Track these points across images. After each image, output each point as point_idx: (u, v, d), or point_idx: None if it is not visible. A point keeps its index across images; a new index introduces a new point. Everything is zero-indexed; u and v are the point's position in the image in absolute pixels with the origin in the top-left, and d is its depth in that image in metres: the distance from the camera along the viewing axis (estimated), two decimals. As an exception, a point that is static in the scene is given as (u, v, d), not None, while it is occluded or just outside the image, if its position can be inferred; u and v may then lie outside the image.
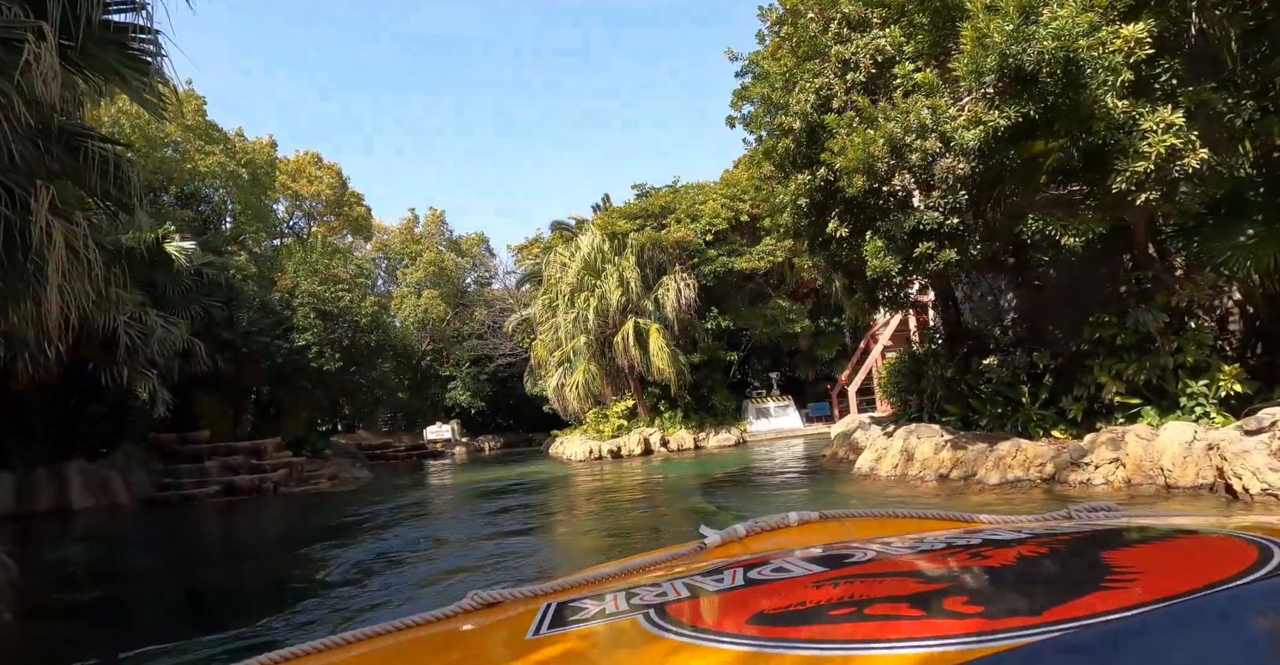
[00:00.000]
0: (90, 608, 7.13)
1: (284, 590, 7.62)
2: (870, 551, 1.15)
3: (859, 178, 8.76)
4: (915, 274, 9.27)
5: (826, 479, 13.25)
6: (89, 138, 7.66)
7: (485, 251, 45.12)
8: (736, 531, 1.47)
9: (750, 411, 28.44)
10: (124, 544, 12.41)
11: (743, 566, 1.16)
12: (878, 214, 9.78)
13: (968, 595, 0.87)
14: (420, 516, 13.18)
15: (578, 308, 24.99)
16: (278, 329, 21.28)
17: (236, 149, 24.11)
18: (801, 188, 9.95)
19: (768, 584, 1.05)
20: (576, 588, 1.24)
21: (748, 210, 25.41)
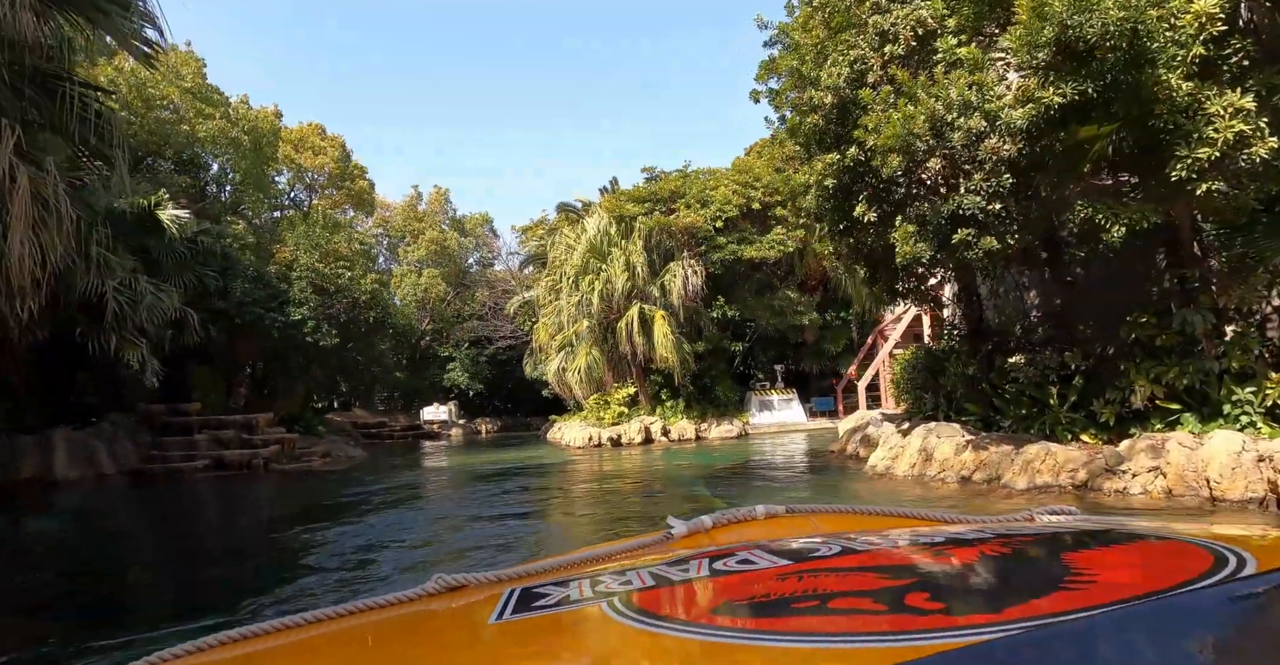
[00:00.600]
0: (42, 590, 6.60)
1: (263, 574, 7.11)
2: (835, 547, 1.14)
3: (894, 157, 8.18)
4: (950, 263, 8.69)
5: (838, 476, 12.72)
6: (67, 81, 7.06)
7: (489, 232, 44.49)
8: (703, 523, 1.47)
9: (753, 403, 27.92)
10: (101, 518, 11.90)
11: (709, 557, 1.16)
12: (909, 198, 9.20)
13: (929, 592, 0.87)
14: (412, 499, 12.66)
15: (582, 291, 24.41)
16: (273, 301, 20.71)
17: (239, 115, 23.45)
18: (829, 168, 9.36)
19: (733, 575, 1.05)
20: (542, 574, 1.23)
21: (760, 197, 24.82)
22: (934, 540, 1.18)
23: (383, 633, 1.07)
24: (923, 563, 1.07)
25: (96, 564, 7.75)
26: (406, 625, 1.10)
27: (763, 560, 1.10)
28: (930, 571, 1.03)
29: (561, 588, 1.08)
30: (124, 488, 15.75)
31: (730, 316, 26.48)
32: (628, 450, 22.00)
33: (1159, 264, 10.53)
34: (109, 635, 5.10)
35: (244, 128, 22.84)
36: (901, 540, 1.22)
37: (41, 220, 6.26)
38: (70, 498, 14.36)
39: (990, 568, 1.03)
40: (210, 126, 21.61)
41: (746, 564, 1.09)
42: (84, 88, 7.31)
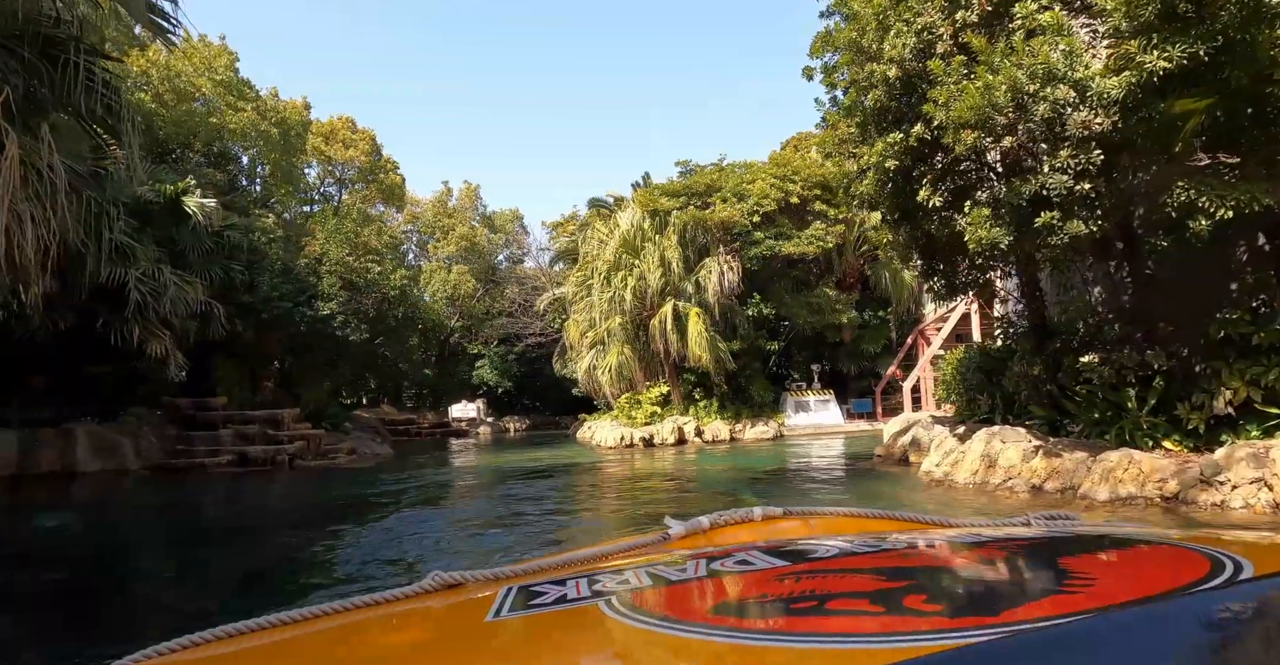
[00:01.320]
0: (46, 591, 6.06)
1: (278, 577, 6.54)
2: (833, 548, 1.14)
3: (968, 134, 7.40)
4: (1028, 250, 7.87)
5: (889, 483, 11.92)
6: (70, 47, 6.51)
7: (519, 228, 43.98)
8: (701, 523, 1.46)
9: (789, 404, 27.10)
10: (118, 513, 11.45)
11: (706, 558, 1.16)
12: (979, 180, 8.41)
13: (927, 594, 0.87)
14: (437, 499, 12.07)
15: (614, 287, 23.75)
16: (301, 296, 20.29)
17: (268, 108, 23.09)
18: (890, 148, 8.59)
19: (730, 576, 1.05)
20: (539, 572, 1.22)
21: (798, 191, 24.03)
22: (932, 543, 1.19)
23: (379, 629, 1.08)
24: (921, 565, 1.07)
25: (107, 564, 7.22)
26: (403, 622, 1.09)
27: (761, 561, 1.09)
28: (929, 574, 1.03)
29: (559, 586, 1.07)
30: (147, 482, 15.36)
31: (766, 314, 25.69)
32: (660, 451, 21.32)
33: (1239, 257, 9.66)
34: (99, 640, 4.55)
35: (273, 120, 22.47)
36: (900, 543, 1.22)
37: (36, 194, 5.72)
38: (90, 492, 14.00)
39: (989, 571, 1.05)
40: (240, 119, 21.24)
41: (744, 565, 1.08)
42: (90, 56, 6.73)
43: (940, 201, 8.54)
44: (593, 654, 0.87)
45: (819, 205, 24.32)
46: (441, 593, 1.17)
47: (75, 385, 17.08)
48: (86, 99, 6.73)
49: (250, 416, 19.20)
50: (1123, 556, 1.06)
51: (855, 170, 10.19)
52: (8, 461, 14.88)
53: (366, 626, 1.08)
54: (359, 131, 32.10)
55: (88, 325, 15.22)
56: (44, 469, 15.19)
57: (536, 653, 0.91)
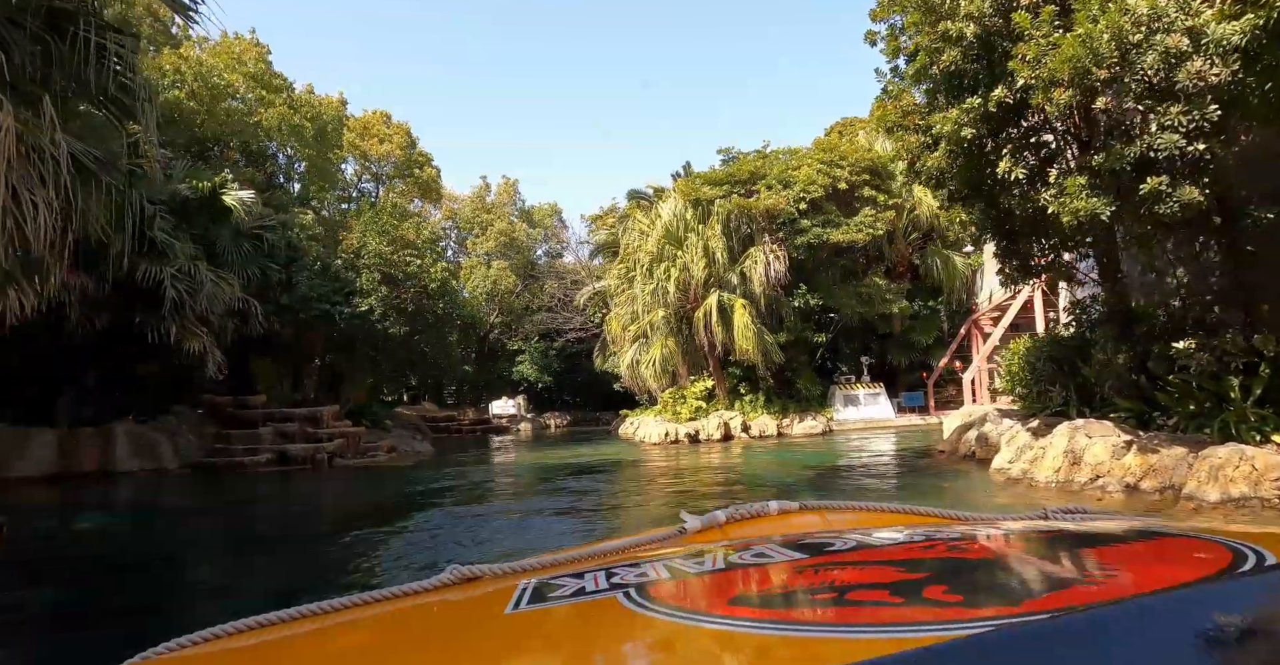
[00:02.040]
0: (55, 605, 5.60)
1: (322, 587, 6.01)
2: (850, 541, 1.15)
3: (1061, 92, 6.61)
4: (1132, 222, 7.06)
5: (960, 482, 11.12)
6: (79, 20, 6.03)
7: (558, 222, 43.48)
8: (717, 518, 1.45)
9: (837, 398, 26.23)
10: (151, 516, 11.09)
11: (723, 551, 1.16)
12: (1066, 148, 7.60)
13: (947, 585, 0.86)
14: (481, 500, 11.54)
15: (657, 279, 23.08)
16: (338, 295, 19.95)
17: (300, 101, 22.80)
18: (966, 115, 7.81)
19: (749, 568, 1.05)
20: (555, 566, 1.22)
21: (846, 177, 23.16)
22: (950, 536, 1.18)
23: (399, 621, 1.07)
24: (940, 557, 1.05)
25: (128, 572, 6.77)
26: (423, 614, 1.09)
27: (778, 554, 1.09)
28: (948, 565, 1.01)
29: (576, 579, 1.06)
30: (184, 482, 15.10)
31: (812, 305, 24.84)
32: (706, 447, 20.65)
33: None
34: None
35: (306, 114, 22.17)
36: (917, 535, 1.19)
37: (40, 176, 5.26)
38: (126, 492, 13.72)
39: (1009, 562, 1.05)
40: (272, 114, 20.97)
41: (762, 558, 1.07)
42: (102, 30, 6.25)
43: (1023, 173, 7.73)
44: (613, 644, 0.85)
45: (868, 191, 23.42)
46: (460, 586, 1.17)
47: (116, 384, 16.92)
48: (98, 75, 6.25)
49: (290, 414, 18.92)
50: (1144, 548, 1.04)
51: (920, 144, 9.43)
52: (48, 461, 14.73)
53: (387, 619, 1.08)
54: (394, 125, 31.85)
55: (125, 323, 14.99)
56: (83, 469, 15.01)
57: (557, 643, 0.90)
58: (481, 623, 1.02)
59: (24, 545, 7.92)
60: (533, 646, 0.89)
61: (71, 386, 16.05)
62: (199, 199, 17.47)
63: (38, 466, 14.53)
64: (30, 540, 8.30)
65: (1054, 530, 1.18)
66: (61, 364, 15.60)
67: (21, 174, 4.99)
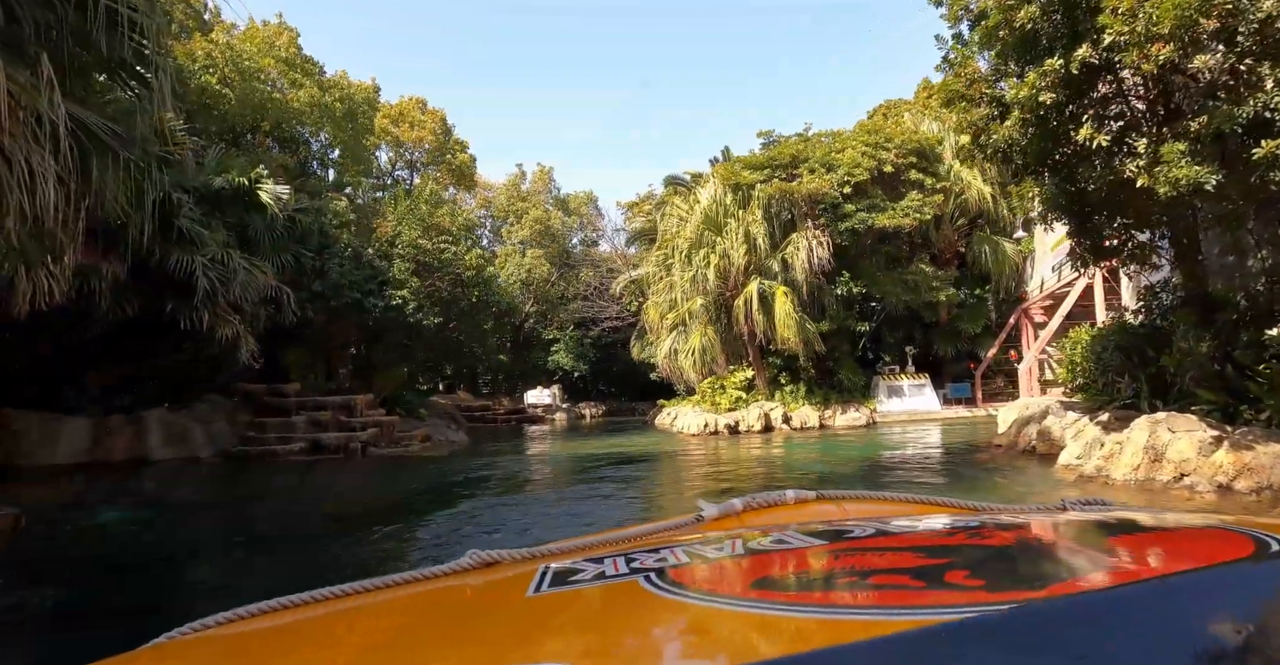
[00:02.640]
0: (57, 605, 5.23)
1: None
2: (870, 528, 1.14)
3: (1160, 47, 5.90)
4: (1241, 192, 6.33)
5: (1024, 479, 10.43)
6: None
7: (593, 210, 42.97)
8: (734, 506, 1.44)
9: (881, 389, 25.45)
10: (179, 507, 10.81)
11: (742, 538, 1.16)
12: (1155, 111, 6.89)
13: (969, 570, 0.86)
14: (521, 489, 11.10)
15: (695, 266, 22.48)
16: (370, 283, 19.63)
17: (330, 83, 22.47)
18: (1046, 78, 7.11)
19: (768, 553, 1.05)
20: (574, 552, 1.22)
21: (891, 160, 22.31)
22: (970, 524, 1.17)
23: (421, 604, 1.07)
24: (961, 544, 1.05)
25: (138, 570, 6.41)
26: (444, 598, 1.09)
27: (797, 540, 1.08)
28: (969, 551, 1.00)
29: (596, 564, 1.06)
30: (215, 471, 14.88)
31: (855, 293, 24.06)
32: (746, 438, 20.06)
33: None
34: None
35: (336, 95, 21.81)
36: (937, 523, 1.21)
37: (34, 137, 4.86)
38: (155, 481, 13.53)
39: (1030, 548, 1.04)
40: (302, 95, 20.65)
41: (781, 544, 1.07)
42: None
43: (1106, 141, 7.03)
44: (637, 625, 0.86)
45: (914, 174, 22.56)
46: (479, 570, 1.16)
47: (149, 372, 16.79)
48: (109, 40, 5.82)
49: (323, 402, 18.69)
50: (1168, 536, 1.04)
51: (987, 115, 8.73)
52: (80, 449, 14.60)
53: (408, 602, 1.08)
54: (428, 112, 31.49)
55: (157, 311, 14.79)
56: (116, 457, 14.86)
57: (581, 624, 0.90)
58: (503, 605, 1.01)
59: (41, 539, 7.62)
60: (556, 627, 0.89)
61: (104, 374, 15.93)
62: (233, 189, 17.23)
63: (69, 455, 14.41)
64: (49, 534, 8.01)
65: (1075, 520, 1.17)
66: (94, 352, 15.46)
67: (19, 139, 4.60)
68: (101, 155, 6.55)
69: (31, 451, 14.13)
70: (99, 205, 6.74)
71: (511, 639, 0.84)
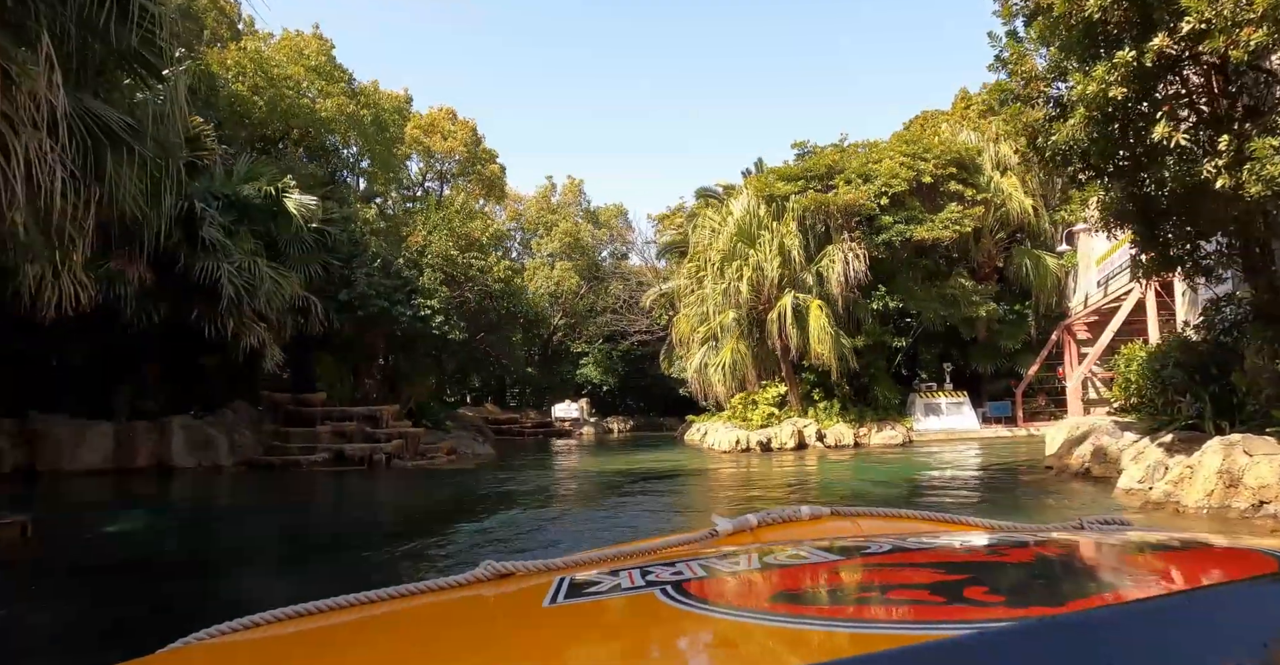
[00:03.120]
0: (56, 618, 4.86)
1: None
2: (886, 545, 1.14)
3: (1250, 32, 5.38)
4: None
5: (1082, 503, 9.77)
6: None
7: (623, 223, 42.73)
8: (749, 521, 1.42)
9: (917, 407, 24.72)
10: (198, 517, 10.51)
11: (758, 553, 1.17)
12: (1239, 106, 6.35)
13: (988, 586, 0.85)
14: (549, 506, 10.66)
15: (728, 278, 22.00)
16: (398, 293, 19.40)
17: (360, 91, 22.39)
18: (1117, 71, 6.59)
19: (785, 568, 1.05)
20: (589, 564, 1.21)
21: (931, 170, 21.72)
22: (989, 541, 1.19)
23: (438, 614, 1.07)
24: (979, 560, 1.06)
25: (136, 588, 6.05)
26: (460, 608, 1.10)
27: (814, 555, 1.08)
28: (988, 568, 1.01)
29: (612, 577, 1.06)
30: (237, 480, 14.63)
31: (891, 308, 23.41)
32: (779, 457, 19.48)
33: None
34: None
35: (363, 101, 21.68)
36: (955, 541, 1.21)
37: (32, 121, 4.56)
38: (176, 489, 13.30)
39: (1049, 565, 1.03)
40: (330, 104, 20.56)
41: (797, 559, 1.07)
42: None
43: (1185, 139, 6.49)
44: (656, 636, 0.85)
45: (954, 185, 21.95)
46: (494, 581, 1.15)
47: (174, 379, 16.64)
48: (119, 29, 5.53)
49: (348, 413, 18.43)
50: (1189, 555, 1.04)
51: (1046, 115, 8.21)
52: (104, 454, 14.44)
53: (425, 611, 1.07)
54: (459, 122, 31.42)
55: (183, 317, 14.63)
56: (139, 463, 14.69)
57: (599, 635, 0.90)
58: (521, 616, 1.01)
59: (50, 547, 7.31)
60: (574, 638, 0.88)
61: (129, 380, 15.79)
62: (262, 199, 17.12)
63: (94, 460, 14.27)
64: (60, 541, 7.70)
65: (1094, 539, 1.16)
66: (120, 357, 15.33)
67: (20, 124, 4.30)
68: (116, 149, 6.27)
69: (55, 456, 14.00)
70: (113, 202, 6.45)
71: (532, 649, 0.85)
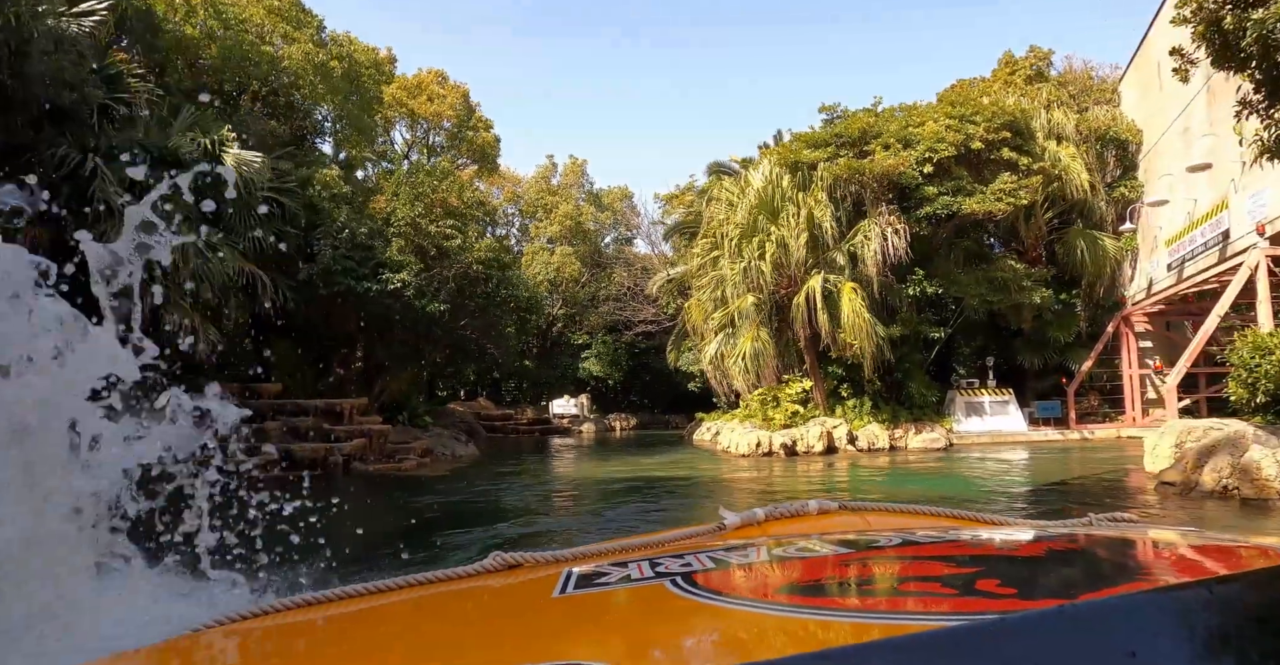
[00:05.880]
0: None
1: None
2: (896, 538, 1.13)
3: None
4: None
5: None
6: None
7: (628, 207, 39.84)
8: (756, 515, 1.43)
9: (958, 406, 21.96)
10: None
11: (766, 546, 1.15)
12: None
13: (1000, 579, 0.85)
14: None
15: (748, 257, 19.18)
16: (364, 267, 16.60)
17: (331, 39, 19.60)
18: None
19: (794, 560, 1.05)
20: (598, 556, 1.22)
21: (981, 134, 18.89)
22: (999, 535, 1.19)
23: (448, 603, 1.08)
24: (991, 553, 1.05)
25: None
26: (470, 597, 1.10)
27: (823, 548, 1.08)
28: (999, 561, 1.00)
29: (620, 568, 1.06)
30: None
31: (930, 294, 20.60)
32: (806, 461, 16.73)
33: None
34: None
35: (333, 51, 18.80)
36: (964, 535, 1.19)
37: None
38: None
39: (1060, 559, 1.02)
40: (295, 50, 17.71)
41: (806, 551, 1.07)
42: None
43: None
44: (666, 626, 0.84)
45: (1006, 152, 19.12)
46: (503, 572, 1.16)
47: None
48: None
49: (302, 406, 15.68)
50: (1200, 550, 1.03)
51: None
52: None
53: (434, 600, 1.08)
54: (449, 85, 28.43)
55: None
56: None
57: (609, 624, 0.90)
58: (530, 605, 1.01)
59: None
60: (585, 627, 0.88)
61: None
62: (199, 154, 14.39)
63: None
64: None
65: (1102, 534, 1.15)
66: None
67: None
68: None
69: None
70: None
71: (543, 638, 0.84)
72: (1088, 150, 22.22)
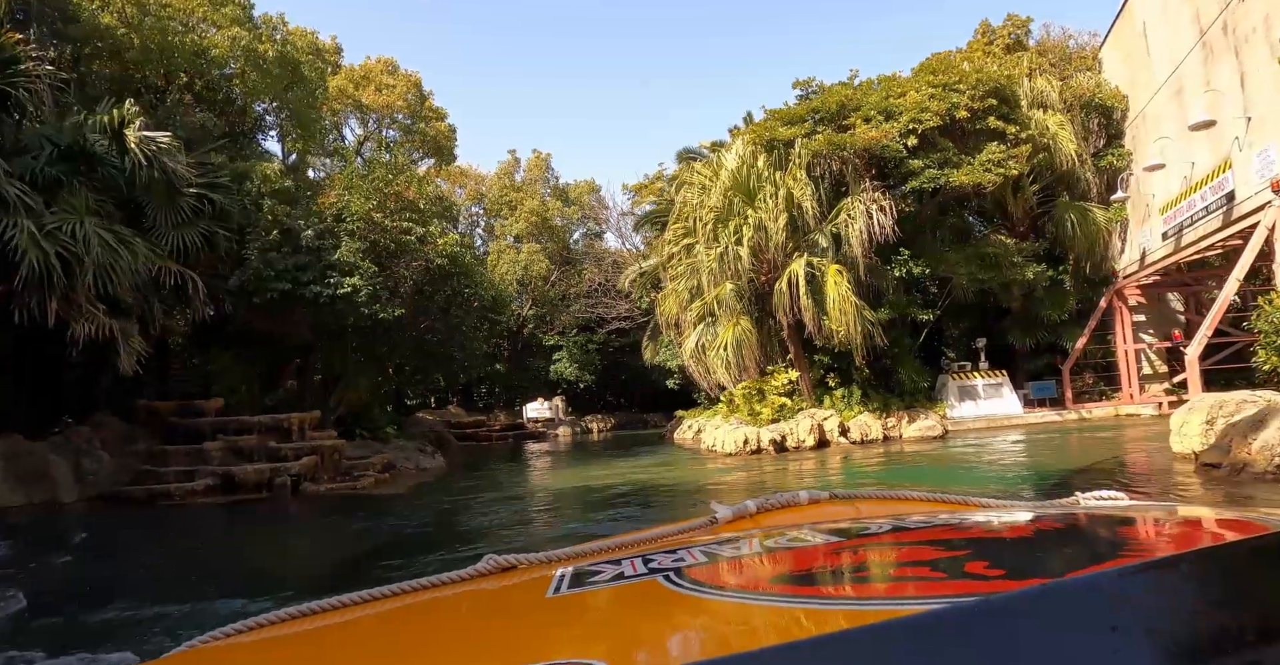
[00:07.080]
0: None
1: None
2: (885, 525, 1.14)
3: None
4: None
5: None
6: None
7: (596, 201, 38.47)
8: (748, 507, 1.41)
9: (950, 391, 20.90)
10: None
11: (758, 537, 1.16)
12: None
13: (989, 560, 0.86)
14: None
15: (724, 242, 17.95)
16: (308, 271, 15.09)
17: (263, 22, 18.04)
18: None
19: (788, 550, 1.04)
20: (591, 555, 1.20)
21: (966, 102, 17.83)
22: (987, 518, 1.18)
23: (443, 608, 1.07)
24: (979, 536, 1.05)
25: None
26: (464, 601, 1.08)
27: (814, 538, 1.08)
28: (988, 544, 1.01)
29: (614, 566, 1.05)
30: (71, 526, 10.38)
31: (917, 275, 19.54)
32: (798, 457, 15.59)
33: None
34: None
35: (264, 35, 17.23)
36: (953, 519, 1.18)
37: None
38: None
39: (1049, 539, 1.04)
40: (221, 37, 16.14)
41: (798, 542, 1.07)
42: None
43: None
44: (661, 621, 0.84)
45: (993, 121, 18.08)
46: (496, 575, 1.15)
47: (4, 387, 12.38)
48: None
49: (246, 423, 14.18)
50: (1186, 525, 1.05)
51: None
52: None
53: (428, 606, 1.06)
54: (399, 74, 26.82)
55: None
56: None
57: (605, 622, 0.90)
58: (524, 607, 1.00)
59: None
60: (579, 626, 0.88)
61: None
62: (108, 143, 12.90)
63: None
64: None
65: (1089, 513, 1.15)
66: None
67: None
68: None
69: None
70: None
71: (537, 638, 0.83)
72: (1073, 118, 21.29)
